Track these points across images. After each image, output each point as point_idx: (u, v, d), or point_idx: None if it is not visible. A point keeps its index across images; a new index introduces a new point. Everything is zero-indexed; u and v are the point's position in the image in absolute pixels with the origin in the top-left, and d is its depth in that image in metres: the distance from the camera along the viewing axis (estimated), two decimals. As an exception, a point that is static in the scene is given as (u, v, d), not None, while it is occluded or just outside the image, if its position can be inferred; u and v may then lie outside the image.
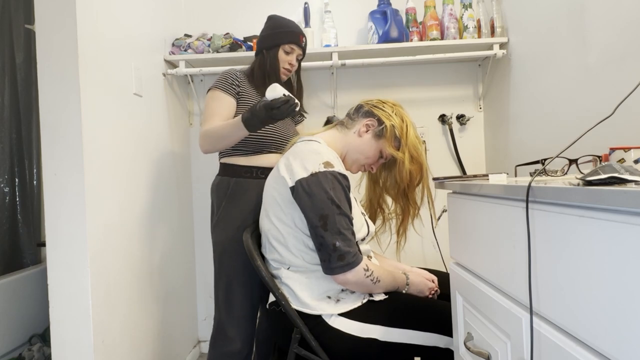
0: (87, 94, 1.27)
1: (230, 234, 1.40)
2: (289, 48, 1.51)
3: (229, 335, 1.39)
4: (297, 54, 1.53)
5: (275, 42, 1.50)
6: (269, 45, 1.51)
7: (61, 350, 1.24)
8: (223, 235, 1.42)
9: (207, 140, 1.39)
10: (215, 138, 1.37)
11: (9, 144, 2.03)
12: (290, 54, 1.52)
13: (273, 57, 1.50)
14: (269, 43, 1.51)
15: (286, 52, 1.51)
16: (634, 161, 0.83)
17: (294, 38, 1.51)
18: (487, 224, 0.81)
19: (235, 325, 1.40)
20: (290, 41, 1.51)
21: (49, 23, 1.24)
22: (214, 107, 1.44)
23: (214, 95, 1.46)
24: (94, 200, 1.28)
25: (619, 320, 0.47)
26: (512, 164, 1.80)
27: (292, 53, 1.52)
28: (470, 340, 0.88)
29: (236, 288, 1.40)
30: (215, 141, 1.38)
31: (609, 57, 1.21)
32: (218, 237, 1.44)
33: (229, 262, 1.41)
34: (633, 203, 0.43)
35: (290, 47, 1.51)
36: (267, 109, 1.19)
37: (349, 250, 1.05)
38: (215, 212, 1.48)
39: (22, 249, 2.06)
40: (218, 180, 1.49)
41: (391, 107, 1.25)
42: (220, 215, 1.44)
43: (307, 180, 1.07)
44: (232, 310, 1.40)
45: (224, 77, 1.48)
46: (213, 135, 1.37)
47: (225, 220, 1.43)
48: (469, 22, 1.91)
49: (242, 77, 1.51)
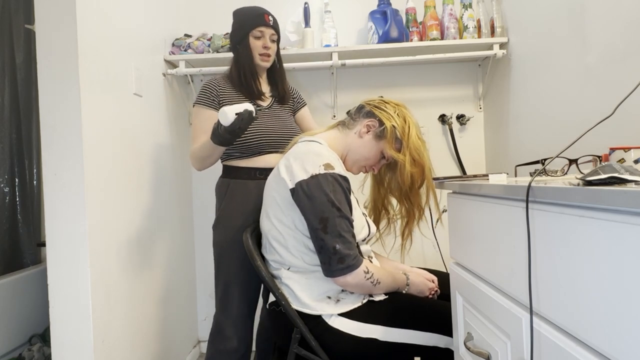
0: (87, 94, 1.27)
1: (228, 235, 1.42)
2: (257, 32, 1.46)
3: (225, 334, 1.41)
4: (269, 35, 1.48)
5: (243, 32, 1.47)
6: (238, 39, 1.48)
7: (61, 350, 1.24)
8: (222, 236, 1.44)
9: (194, 161, 1.44)
10: (200, 159, 1.41)
11: (9, 144, 2.03)
12: (261, 37, 1.47)
13: (245, 48, 1.47)
14: (238, 36, 1.48)
15: (256, 37, 1.47)
16: (634, 161, 0.83)
17: (259, 20, 1.46)
18: (487, 224, 0.81)
19: (231, 324, 1.41)
20: (256, 24, 1.46)
21: (49, 23, 1.24)
22: (198, 124, 1.45)
23: (197, 112, 1.47)
24: (94, 200, 1.28)
25: (618, 320, 0.47)
26: (512, 164, 1.79)
27: (262, 36, 1.47)
28: (470, 340, 0.88)
29: (233, 288, 1.41)
30: (201, 161, 1.41)
31: (609, 57, 1.21)
32: (217, 237, 1.45)
33: (226, 262, 1.42)
34: (633, 203, 0.43)
35: (259, 30, 1.46)
36: (229, 133, 1.20)
37: (349, 253, 1.05)
38: (216, 214, 1.50)
39: (22, 249, 2.06)
40: (220, 182, 1.51)
41: (393, 108, 1.22)
42: (219, 216, 1.46)
43: (307, 183, 1.06)
44: (229, 310, 1.42)
45: (203, 91, 1.48)
46: (197, 156, 1.41)
47: (224, 221, 1.44)
48: (469, 22, 1.91)
49: (223, 83, 1.50)
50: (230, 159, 1.48)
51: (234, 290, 1.41)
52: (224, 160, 1.51)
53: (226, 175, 1.49)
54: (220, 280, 1.44)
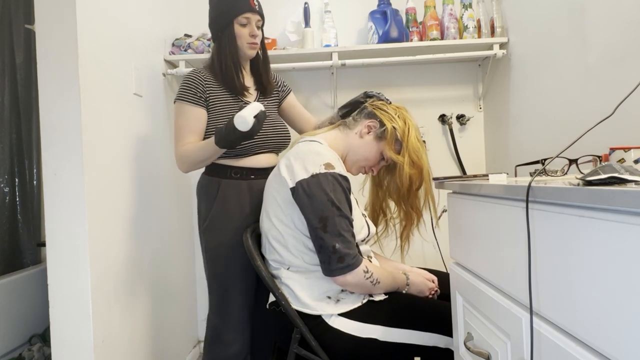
0: (87, 94, 1.27)
1: (224, 239, 1.34)
2: (243, 19, 1.34)
3: (226, 339, 1.35)
4: (255, 21, 1.36)
5: (226, 18, 1.34)
6: (221, 26, 1.35)
7: (61, 350, 1.24)
8: (216, 241, 1.36)
9: (185, 164, 1.35)
10: (194, 162, 1.33)
11: (9, 144, 2.03)
12: (248, 24, 1.35)
13: (230, 37, 1.34)
14: (221, 23, 1.35)
15: (242, 25, 1.34)
16: (634, 161, 0.83)
17: (245, 5, 1.33)
18: (487, 224, 0.81)
19: (232, 330, 1.35)
20: (242, 10, 1.33)
21: (49, 23, 1.24)
22: (183, 123, 1.35)
23: (181, 109, 1.35)
24: (94, 200, 1.28)
25: (619, 320, 0.47)
26: (512, 164, 1.79)
27: (249, 23, 1.35)
28: (470, 340, 0.88)
29: (232, 293, 1.35)
30: (194, 164, 1.35)
31: (609, 57, 1.21)
32: (210, 242, 1.37)
33: (223, 267, 1.35)
34: (633, 203, 0.43)
35: (245, 17, 1.33)
36: (246, 137, 1.19)
37: (348, 252, 1.05)
38: (204, 215, 1.39)
39: (22, 249, 2.06)
40: (206, 181, 1.40)
41: (394, 109, 1.24)
42: (211, 219, 1.36)
43: (308, 182, 1.07)
44: (228, 315, 1.36)
45: (188, 86, 1.35)
46: (191, 160, 1.33)
47: (217, 224, 1.36)
48: (469, 22, 1.91)
49: (208, 76, 1.39)
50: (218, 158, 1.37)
51: (234, 295, 1.35)
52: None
53: (214, 174, 1.38)
54: (216, 286, 1.36)
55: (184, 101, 1.35)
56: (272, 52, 1.88)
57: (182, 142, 1.35)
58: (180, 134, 1.36)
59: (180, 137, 1.35)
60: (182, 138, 1.35)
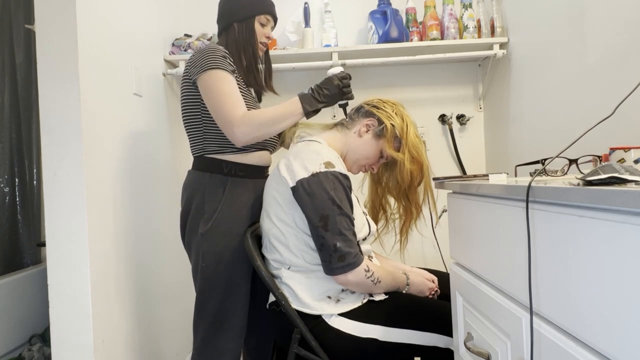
0: (87, 94, 1.27)
1: (230, 243, 1.24)
2: (264, 19, 1.33)
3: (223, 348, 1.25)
4: (271, 26, 1.37)
5: (250, 12, 1.30)
6: (241, 17, 1.30)
7: (61, 350, 1.24)
8: (222, 244, 1.23)
9: (263, 126, 1.18)
10: (267, 123, 1.17)
11: (9, 144, 2.03)
12: (266, 26, 1.34)
13: (249, 30, 1.30)
14: (242, 14, 1.30)
15: (262, 24, 1.33)
16: (634, 161, 0.83)
17: (270, 7, 1.34)
18: (487, 224, 0.81)
19: (231, 338, 1.26)
20: (267, 10, 1.33)
21: (49, 23, 1.24)
22: (232, 88, 1.20)
23: (221, 76, 1.20)
24: (94, 200, 1.28)
25: (618, 319, 0.47)
26: (512, 164, 1.79)
27: (267, 25, 1.35)
28: (470, 340, 0.88)
29: (235, 300, 1.26)
30: (270, 125, 1.18)
31: (609, 57, 1.21)
32: (215, 246, 1.23)
33: (228, 273, 1.25)
34: (633, 203, 0.43)
35: (266, 17, 1.33)
36: (340, 79, 1.23)
37: (349, 250, 1.05)
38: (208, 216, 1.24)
39: (22, 249, 2.06)
40: (208, 178, 1.26)
41: (391, 107, 1.24)
42: (217, 219, 1.23)
43: (308, 181, 1.07)
44: (229, 323, 1.26)
45: (221, 56, 1.22)
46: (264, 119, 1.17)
47: (224, 226, 1.24)
48: (469, 22, 1.91)
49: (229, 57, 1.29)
50: (219, 153, 1.26)
51: (235, 302, 1.26)
52: (209, 154, 1.27)
53: (218, 171, 1.26)
54: (215, 293, 1.24)
55: (221, 69, 1.20)
56: (272, 52, 1.88)
57: (235, 107, 1.18)
58: (233, 99, 1.19)
59: (235, 102, 1.19)
60: (239, 101, 1.20)
